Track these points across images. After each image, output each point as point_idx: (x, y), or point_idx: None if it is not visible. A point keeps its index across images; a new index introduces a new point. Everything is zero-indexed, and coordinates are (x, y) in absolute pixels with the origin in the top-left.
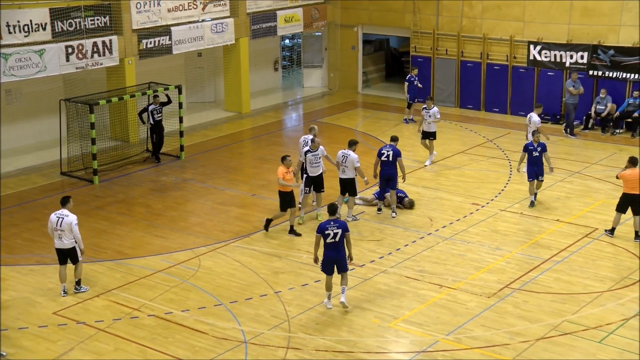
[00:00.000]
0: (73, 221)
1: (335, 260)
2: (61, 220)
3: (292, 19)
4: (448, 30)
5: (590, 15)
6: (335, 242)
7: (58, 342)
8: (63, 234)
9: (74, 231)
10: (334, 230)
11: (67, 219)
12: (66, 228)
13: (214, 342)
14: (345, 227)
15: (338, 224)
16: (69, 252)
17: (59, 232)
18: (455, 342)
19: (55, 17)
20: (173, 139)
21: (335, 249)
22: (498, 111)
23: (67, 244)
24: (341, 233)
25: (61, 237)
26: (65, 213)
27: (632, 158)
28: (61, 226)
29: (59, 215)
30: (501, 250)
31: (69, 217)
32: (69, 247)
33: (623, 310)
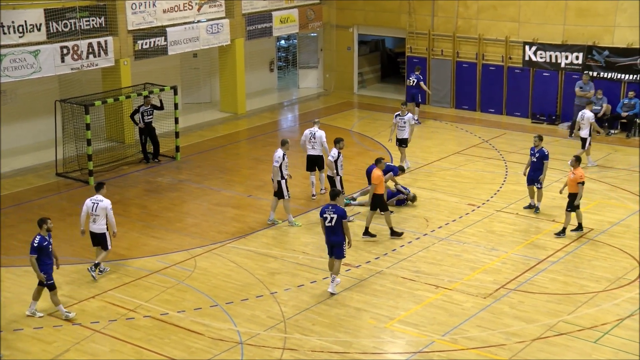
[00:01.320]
0: (107, 206)
1: (331, 244)
2: (96, 205)
3: (288, 19)
4: (443, 30)
5: (585, 15)
6: (332, 226)
7: (53, 343)
8: (97, 218)
9: (108, 215)
10: (331, 214)
11: (101, 204)
12: (100, 213)
13: (210, 343)
14: (343, 214)
15: (335, 210)
16: (100, 237)
17: (94, 216)
18: (451, 342)
19: (50, 17)
20: (169, 139)
21: (331, 232)
22: (494, 112)
23: (99, 228)
24: (337, 219)
25: (95, 221)
26: (100, 198)
27: (577, 157)
28: (96, 211)
29: (94, 200)
30: (497, 251)
31: (103, 202)
32: (100, 231)
33: (618, 311)
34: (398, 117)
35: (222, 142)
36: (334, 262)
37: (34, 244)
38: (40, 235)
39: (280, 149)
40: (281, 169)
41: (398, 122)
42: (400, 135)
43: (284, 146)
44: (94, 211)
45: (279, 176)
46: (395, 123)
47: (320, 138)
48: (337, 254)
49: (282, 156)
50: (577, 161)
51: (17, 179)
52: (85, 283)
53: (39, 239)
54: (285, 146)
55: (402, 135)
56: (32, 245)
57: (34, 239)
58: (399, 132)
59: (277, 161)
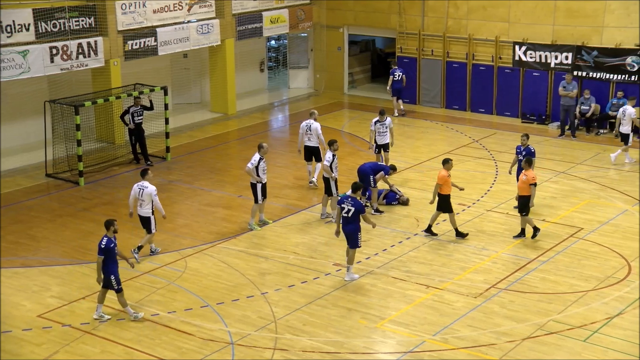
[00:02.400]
0: (152, 192)
1: (346, 234)
2: (142, 191)
3: (278, 20)
4: (434, 31)
5: (574, 16)
6: (348, 217)
7: (42, 345)
8: (143, 203)
9: (154, 200)
10: (349, 206)
11: (147, 190)
12: (146, 198)
13: (201, 343)
14: (361, 209)
15: (353, 203)
16: (145, 220)
17: (140, 201)
18: (442, 342)
19: (39, 17)
20: (159, 140)
21: (347, 223)
22: (484, 111)
23: (145, 212)
24: (354, 212)
25: (141, 206)
26: (145, 185)
27: (528, 159)
28: (142, 196)
29: (140, 186)
30: (487, 251)
31: (148, 188)
32: (146, 215)
33: (607, 309)
34: (378, 124)
35: (213, 143)
36: (349, 252)
37: (101, 246)
38: (107, 236)
39: (257, 153)
40: (258, 172)
41: (378, 129)
42: (382, 140)
43: (261, 150)
44: (140, 196)
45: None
46: (375, 130)
47: (315, 130)
48: (352, 243)
49: (258, 160)
50: (527, 162)
51: (6, 180)
52: (76, 284)
53: (106, 241)
54: (261, 150)
55: (383, 141)
56: (100, 246)
57: (101, 240)
58: (380, 138)
59: (252, 163)
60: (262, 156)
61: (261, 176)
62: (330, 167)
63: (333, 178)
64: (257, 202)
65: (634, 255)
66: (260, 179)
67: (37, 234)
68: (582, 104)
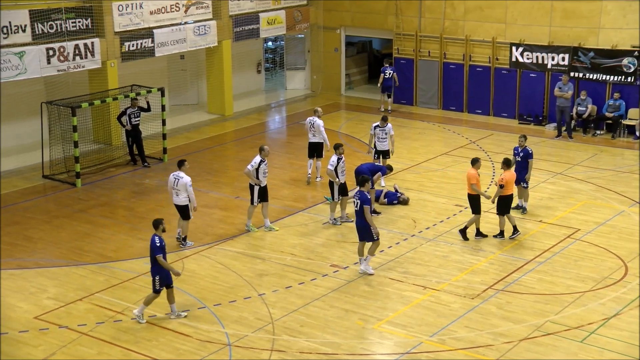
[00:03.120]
0: (187, 182)
1: (358, 227)
2: (177, 181)
3: (275, 21)
4: (430, 32)
5: (571, 17)
6: (357, 210)
7: (39, 347)
8: (179, 192)
9: (188, 191)
10: (356, 199)
11: (182, 180)
12: (181, 188)
13: (198, 344)
14: (365, 200)
15: (359, 196)
16: (182, 208)
17: (176, 190)
18: (439, 343)
19: (35, 19)
20: (156, 141)
21: (358, 216)
22: (481, 112)
23: (181, 201)
24: (360, 204)
25: (177, 194)
26: (181, 175)
27: (506, 160)
28: (177, 186)
29: (175, 176)
30: (484, 252)
31: (183, 178)
32: (182, 203)
33: (604, 310)
34: (378, 129)
35: (210, 144)
36: (363, 245)
37: (156, 244)
38: (158, 235)
39: (257, 155)
40: (258, 175)
41: (378, 134)
42: (381, 147)
43: (262, 153)
44: (175, 186)
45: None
46: (374, 134)
47: (318, 127)
48: (365, 236)
49: (259, 162)
50: (505, 164)
51: (2, 181)
52: (72, 285)
53: (159, 239)
54: (262, 153)
55: (383, 147)
56: (156, 245)
57: (154, 240)
58: (380, 144)
59: (252, 165)
60: (263, 158)
61: (261, 179)
62: (335, 171)
63: (337, 183)
64: (252, 203)
65: (631, 256)
66: (259, 181)
67: (33, 236)
68: (578, 105)
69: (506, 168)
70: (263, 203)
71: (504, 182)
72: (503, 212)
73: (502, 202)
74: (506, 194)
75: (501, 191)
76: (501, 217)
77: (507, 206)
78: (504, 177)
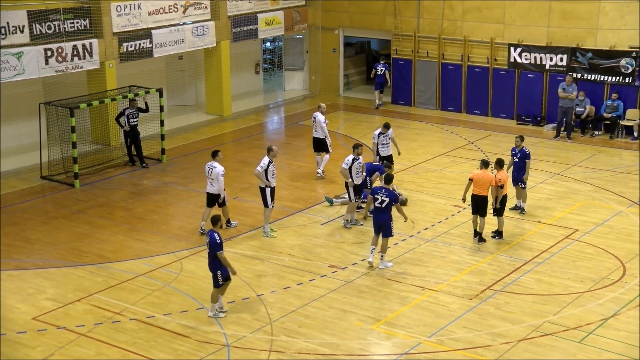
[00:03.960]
0: (220, 172)
1: (380, 223)
2: (211, 170)
3: (273, 21)
4: (429, 32)
5: (569, 18)
6: (382, 207)
7: (37, 348)
8: (213, 181)
9: (219, 180)
10: (383, 197)
11: (215, 170)
12: (215, 177)
13: (196, 345)
14: (394, 198)
15: (388, 194)
16: (216, 197)
17: (209, 179)
18: (437, 344)
19: (34, 19)
20: (154, 142)
21: (380, 213)
22: (479, 113)
23: (215, 190)
24: (388, 202)
25: (211, 184)
26: (214, 165)
27: (483, 161)
28: (211, 175)
29: (209, 165)
30: (483, 252)
31: (217, 168)
32: (216, 192)
33: (602, 311)
34: (382, 136)
35: (208, 145)
36: (378, 240)
37: (216, 241)
38: (216, 232)
39: (266, 156)
40: (267, 176)
41: (382, 141)
42: (385, 152)
43: (270, 153)
44: (209, 175)
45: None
46: (377, 142)
47: (319, 122)
48: (385, 233)
49: (268, 163)
50: (498, 164)
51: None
52: (71, 286)
53: (218, 235)
54: (271, 153)
55: (386, 153)
56: (216, 242)
57: (213, 236)
58: (383, 150)
59: (261, 166)
60: (271, 159)
61: (270, 180)
62: (350, 171)
63: (351, 184)
64: (267, 206)
65: (629, 256)
66: (268, 182)
67: (31, 236)
68: (577, 105)
69: (499, 168)
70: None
71: (502, 182)
72: (500, 213)
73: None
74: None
75: (501, 191)
76: (500, 218)
77: (503, 206)
78: (501, 178)
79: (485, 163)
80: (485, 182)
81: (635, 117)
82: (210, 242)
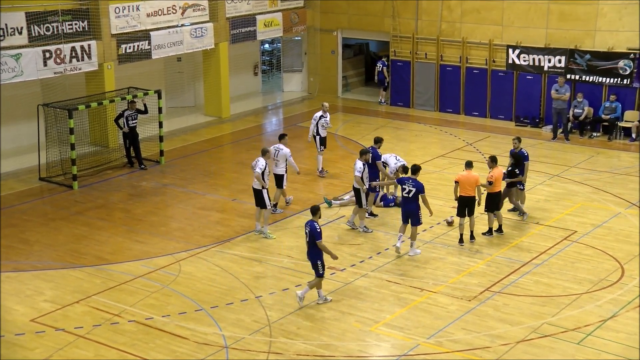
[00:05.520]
0: (287, 153)
1: (408, 213)
2: (277, 152)
3: (272, 23)
4: (427, 34)
5: (567, 19)
6: (409, 197)
7: (36, 349)
8: (278, 163)
9: (289, 160)
10: (410, 187)
11: (282, 152)
12: (281, 159)
13: (195, 347)
14: (421, 189)
15: (414, 184)
16: (279, 177)
17: (275, 161)
18: (436, 345)
19: (32, 21)
20: (153, 143)
21: (408, 202)
22: (477, 115)
23: (279, 171)
24: (415, 192)
25: (277, 165)
26: (281, 147)
27: (467, 162)
28: (277, 157)
29: (276, 148)
30: (481, 254)
31: (283, 150)
32: (279, 173)
33: (601, 312)
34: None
35: (206, 146)
36: (406, 228)
37: (317, 230)
38: (316, 221)
39: (262, 158)
40: (264, 177)
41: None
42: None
43: (265, 155)
44: (276, 157)
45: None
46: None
47: (314, 120)
48: (414, 221)
49: (265, 165)
50: (492, 161)
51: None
52: (68, 288)
53: (317, 224)
54: (266, 155)
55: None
56: (317, 231)
57: (314, 225)
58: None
59: (260, 168)
60: (267, 161)
61: (266, 181)
62: (362, 178)
63: (364, 190)
64: (266, 207)
65: (627, 257)
66: (265, 184)
67: (30, 238)
68: (575, 107)
69: (493, 165)
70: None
71: (492, 179)
72: (492, 209)
73: (490, 200)
74: (494, 191)
75: (489, 188)
76: (490, 214)
77: (496, 203)
78: (493, 175)
79: (469, 164)
80: (471, 183)
81: (634, 119)
82: (311, 231)
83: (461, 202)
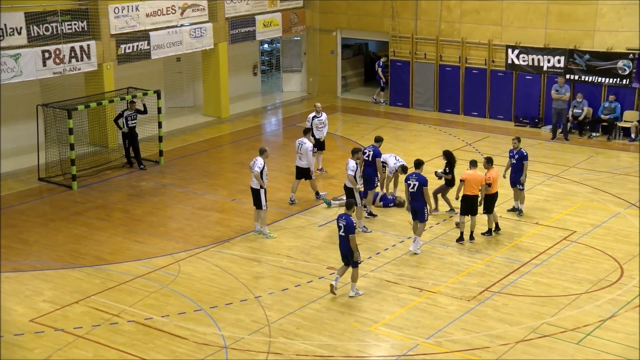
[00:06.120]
0: (309, 147)
1: (413, 208)
2: (300, 146)
3: (271, 23)
4: (427, 34)
5: (566, 20)
6: (413, 192)
7: (35, 350)
8: (302, 156)
9: (308, 155)
10: (414, 181)
11: (304, 145)
12: (304, 152)
13: (194, 347)
14: (423, 182)
15: (417, 177)
16: (304, 170)
17: (299, 154)
18: (435, 345)
19: (31, 21)
20: (152, 144)
21: (413, 198)
22: (477, 115)
23: (303, 164)
24: (418, 185)
25: (300, 158)
26: (304, 141)
27: (472, 161)
28: (300, 150)
29: (300, 141)
30: (481, 254)
31: (306, 144)
32: (305, 166)
33: (600, 312)
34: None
35: (206, 146)
36: (417, 225)
37: (353, 223)
38: (350, 215)
39: (260, 157)
40: (262, 177)
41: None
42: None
43: (263, 154)
44: (299, 150)
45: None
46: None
47: (308, 121)
48: (420, 217)
49: (264, 164)
50: (488, 162)
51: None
52: (68, 288)
53: (352, 219)
54: (264, 154)
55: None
56: (352, 225)
57: (350, 219)
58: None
59: (258, 167)
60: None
61: (264, 181)
62: (355, 177)
63: (357, 190)
64: (263, 207)
65: (627, 258)
66: (264, 183)
67: (29, 238)
68: (574, 107)
69: (490, 167)
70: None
71: (490, 180)
72: (490, 210)
73: (487, 201)
74: (492, 192)
75: (488, 190)
76: (489, 215)
77: (493, 204)
78: (490, 176)
79: (474, 162)
80: (476, 182)
81: (633, 119)
82: (347, 225)
83: (466, 200)
